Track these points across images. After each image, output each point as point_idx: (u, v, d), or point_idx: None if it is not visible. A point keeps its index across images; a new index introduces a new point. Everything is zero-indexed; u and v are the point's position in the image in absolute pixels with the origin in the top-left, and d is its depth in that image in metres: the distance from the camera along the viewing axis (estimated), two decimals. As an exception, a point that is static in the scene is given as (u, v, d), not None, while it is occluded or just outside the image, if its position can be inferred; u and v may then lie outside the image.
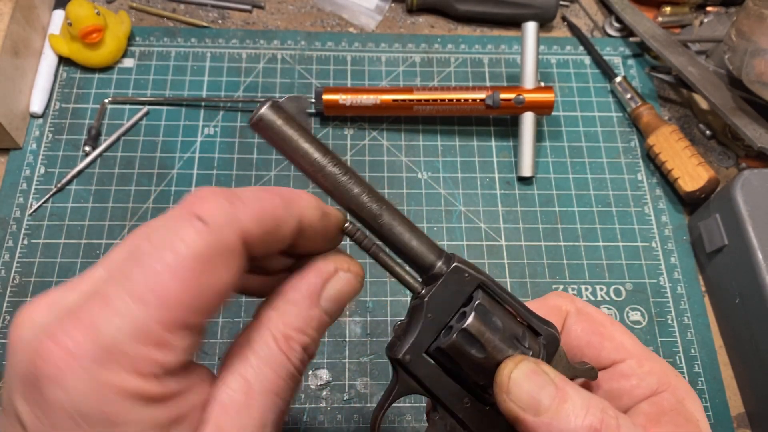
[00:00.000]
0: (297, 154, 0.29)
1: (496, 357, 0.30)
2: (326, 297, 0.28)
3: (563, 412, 0.28)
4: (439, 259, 0.32)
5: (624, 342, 0.34)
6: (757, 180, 0.57)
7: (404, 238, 0.31)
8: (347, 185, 0.30)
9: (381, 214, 0.31)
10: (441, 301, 0.31)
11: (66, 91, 0.67)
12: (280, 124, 0.29)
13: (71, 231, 0.60)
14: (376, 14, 0.76)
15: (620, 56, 0.74)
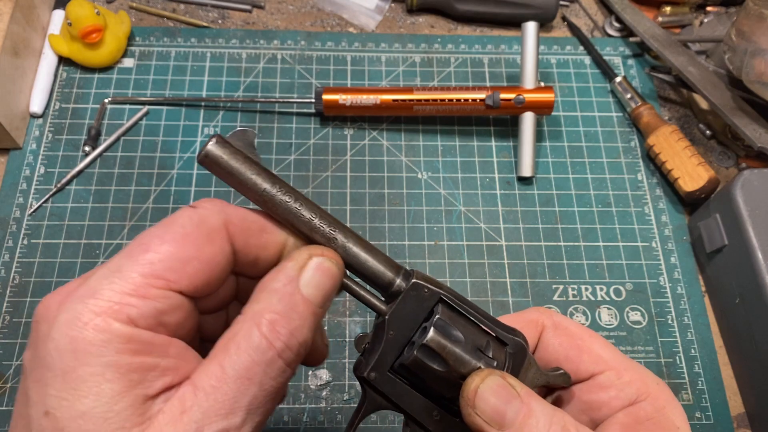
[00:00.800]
0: (244, 187, 0.30)
1: (459, 369, 0.31)
2: (305, 282, 0.28)
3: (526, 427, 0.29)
4: (398, 276, 0.32)
5: (602, 354, 0.35)
6: (757, 180, 0.57)
7: (360, 258, 0.32)
8: (298, 212, 0.31)
9: (335, 236, 0.31)
10: (402, 317, 0.32)
11: (66, 91, 0.67)
12: (226, 158, 0.30)
13: (71, 231, 0.60)
14: (376, 14, 0.76)
15: (620, 56, 0.74)
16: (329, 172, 0.65)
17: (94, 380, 0.24)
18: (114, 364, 0.24)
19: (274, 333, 0.26)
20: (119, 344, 0.24)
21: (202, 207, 0.28)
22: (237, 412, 0.25)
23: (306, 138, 0.67)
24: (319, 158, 0.66)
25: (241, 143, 0.31)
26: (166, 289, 0.26)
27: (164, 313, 0.26)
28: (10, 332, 0.56)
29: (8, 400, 0.53)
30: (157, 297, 0.25)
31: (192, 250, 0.27)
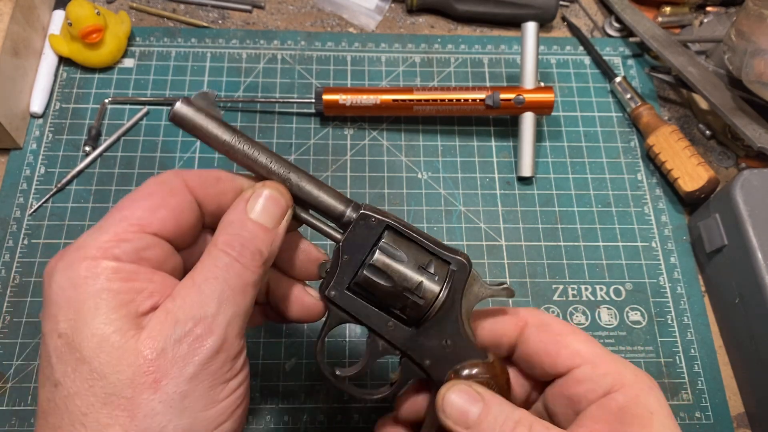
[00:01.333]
0: (209, 138, 0.36)
1: (402, 284, 0.37)
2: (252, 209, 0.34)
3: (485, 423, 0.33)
4: (348, 208, 0.38)
5: (580, 349, 0.37)
6: (756, 180, 0.57)
7: (313, 194, 0.37)
8: (256, 156, 0.36)
9: (289, 177, 0.37)
10: (355, 243, 0.37)
11: (66, 91, 0.67)
12: (191, 116, 0.35)
13: (71, 231, 0.60)
14: (376, 14, 0.76)
15: (620, 56, 0.74)
16: (329, 172, 0.65)
17: (92, 302, 0.29)
18: (107, 288, 0.30)
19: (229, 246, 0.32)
20: (109, 274, 0.30)
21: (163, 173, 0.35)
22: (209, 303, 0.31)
23: (306, 138, 0.67)
24: (319, 158, 0.66)
25: (204, 102, 0.37)
26: (141, 232, 0.32)
27: (142, 250, 0.32)
28: (10, 332, 0.56)
29: (8, 400, 0.53)
30: (134, 239, 0.31)
31: (158, 201, 0.33)
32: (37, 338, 0.56)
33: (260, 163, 0.36)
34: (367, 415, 0.55)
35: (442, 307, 0.38)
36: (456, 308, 0.38)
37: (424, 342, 0.38)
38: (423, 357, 0.38)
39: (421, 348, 0.38)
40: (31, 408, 0.53)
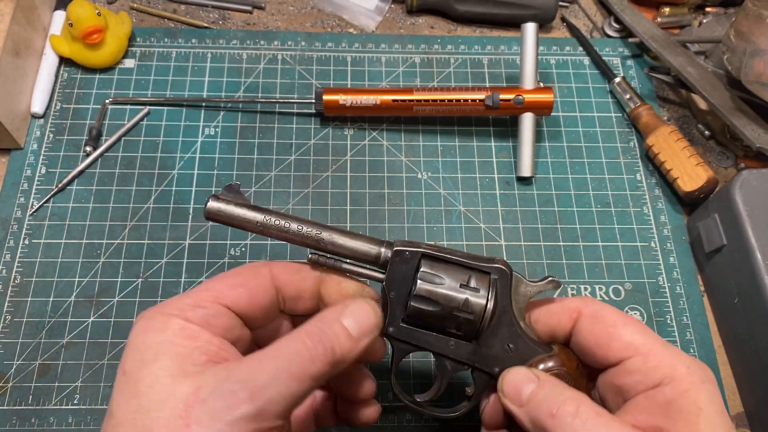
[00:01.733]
0: (243, 224, 0.40)
1: (450, 305, 0.39)
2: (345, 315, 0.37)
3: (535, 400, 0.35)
4: (382, 248, 0.40)
5: (633, 340, 0.38)
6: (756, 180, 0.57)
7: (348, 245, 0.40)
8: (288, 228, 0.40)
9: (321, 237, 0.40)
10: (396, 279, 0.40)
11: (67, 91, 0.67)
12: (223, 208, 0.40)
13: (72, 231, 0.61)
14: (376, 15, 0.76)
15: (619, 57, 0.74)
16: (329, 172, 0.65)
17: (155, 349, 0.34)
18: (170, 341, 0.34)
19: (307, 335, 0.35)
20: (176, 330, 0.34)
21: (255, 262, 0.41)
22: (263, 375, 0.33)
23: (306, 138, 0.67)
24: (320, 158, 0.66)
25: (231, 194, 0.41)
26: (215, 302, 0.37)
27: (212, 317, 0.36)
28: (11, 332, 0.56)
29: (9, 399, 0.54)
30: (208, 306, 0.36)
31: (240, 280, 0.38)
32: (37, 338, 0.56)
33: (293, 232, 0.40)
34: (367, 414, 0.55)
35: (493, 316, 0.40)
36: (508, 312, 0.40)
37: (488, 351, 0.40)
38: (491, 366, 0.40)
39: (487, 358, 0.40)
40: (31, 408, 0.53)
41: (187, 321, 0.35)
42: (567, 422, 0.33)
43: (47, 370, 0.55)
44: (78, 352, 0.56)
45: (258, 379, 0.33)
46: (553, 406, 0.34)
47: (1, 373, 0.55)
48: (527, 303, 0.41)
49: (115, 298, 0.58)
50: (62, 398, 0.54)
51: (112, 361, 0.55)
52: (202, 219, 0.62)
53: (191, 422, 0.31)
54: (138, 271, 0.59)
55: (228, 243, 0.61)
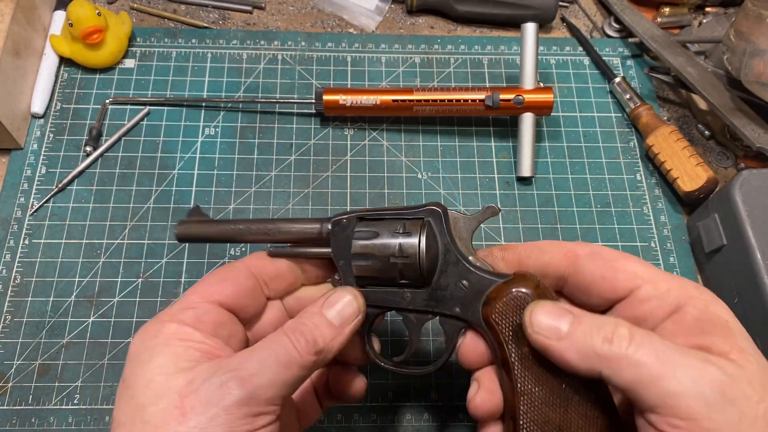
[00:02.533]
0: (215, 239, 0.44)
1: (385, 254, 0.40)
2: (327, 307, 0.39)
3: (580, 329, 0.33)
4: (322, 224, 0.42)
5: (637, 270, 0.37)
6: (755, 180, 0.57)
7: (293, 230, 0.43)
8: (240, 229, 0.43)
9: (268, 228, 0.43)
10: (340, 248, 0.41)
11: (67, 91, 0.68)
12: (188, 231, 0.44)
13: (72, 231, 0.61)
14: (376, 15, 0.76)
15: (619, 57, 0.74)
16: (329, 172, 0.65)
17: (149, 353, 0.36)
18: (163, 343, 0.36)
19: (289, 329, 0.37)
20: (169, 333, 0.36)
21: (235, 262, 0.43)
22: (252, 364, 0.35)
23: (306, 138, 0.67)
24: (320, 158, 0.66)
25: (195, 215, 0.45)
26: (203, 301, 0.39)
27: (202, 315, 0.38)
28: (11, 332, 0.56)
29: (9, 399, 0.54)
30: (196, 306, 0.38)
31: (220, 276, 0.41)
32: (37, 338, 0.56)
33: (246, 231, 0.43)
34: (366, 414, 0.55)
35: (429, 255, 0.40)
36: (452, 250, 0.40)
37: (443, 294, 0.40)
38: (451, 307, 0.40)
39: (444, 300, 0.40)
40: (31, 407, 0.53)
41: (180, 324, 0.37)
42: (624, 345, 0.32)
43: (47, 370, 0.55)
44: (78, 352, 0.56)
45: (247, 368, 0.34)
46: (607, 331, 0.32)
47: (1, 373, 0.55)
48: (470, 237, 0.41)
49: (115, 298, 0.58)
50: (62, 398, 0.54)
51: (112, 361, 0.55)
52: (202, 219, 0.62)
53: (186, 410, 0.33)
54: (138, 271, 0.59)
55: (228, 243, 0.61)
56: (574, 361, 0.33)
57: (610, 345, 0.32)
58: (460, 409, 0.55)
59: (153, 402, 0.33)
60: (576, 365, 0.33)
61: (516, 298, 0.37)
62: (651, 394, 0.31)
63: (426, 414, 0.55)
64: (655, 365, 0.31)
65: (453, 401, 0.56)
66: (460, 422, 0.55)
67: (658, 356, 0.31)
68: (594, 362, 0.32)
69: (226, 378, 0.34)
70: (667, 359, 0.31)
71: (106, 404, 0.54)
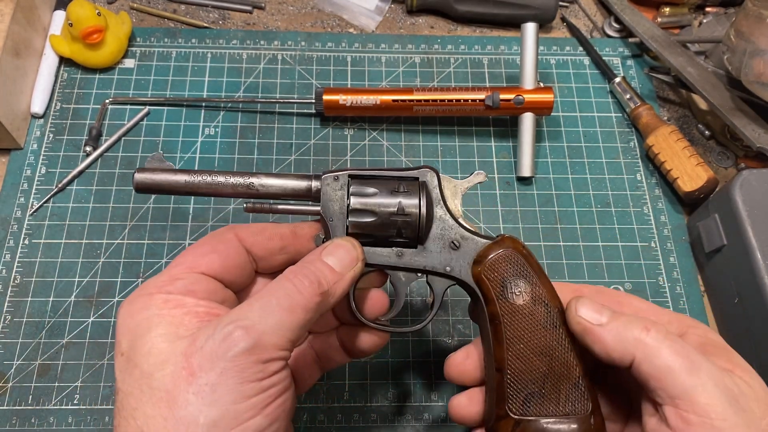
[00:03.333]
0: (172, 188, 0.41)
1: (385, 211, 0.40)
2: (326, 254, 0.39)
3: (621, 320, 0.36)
4: (311, 181, 0.41)
5: (641, 306, 0.41)
6: (756, 180, 0.57)
7: (278, 185, 0.41)
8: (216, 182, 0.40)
9: (251, 182, 0.41)
10: (331, 205, 0.41)
11: (67, 91, 0.67)
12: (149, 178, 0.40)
13: (72, 231, 0.61)
14: (376, 15, 0.76)
15: (619, 57, 0.74)
16: (329, 172, 0.65)
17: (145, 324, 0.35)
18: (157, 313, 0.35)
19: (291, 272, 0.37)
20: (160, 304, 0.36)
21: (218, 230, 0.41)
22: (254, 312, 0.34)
23: (306, 138, 0.67)
24: (320, 158, 0.66)
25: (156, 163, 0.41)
26: (190, 272, 0.38)
27: (191, 284, 0.37)
28: (11, 332, 0.56)
29: (9, 399, 0.54)
30: (185, 277, 0.38)
31: (208, 248, 0.40)
32: (37, 338, 0.56)
33: (221, 183, 0.41)
34: (366, 414, 0.55)
35: (430, 216, 0.41)
36: (445, 211, 0.42)
37: (435, 253, 0.41)
38: (443, 265, 0.41)
39: (437, 259, 0.41)
40: (31, 407, 0.53)
41: (168, 294, 0.36)
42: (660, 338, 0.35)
43: (47, 370, 0.55)
44: (78, 352, 0.56)
45: (249, 317, 0.34)
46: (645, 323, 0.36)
47: (1, 373, 0.55)
48: (460, 199, 0.43)
49: (115, 298, 0.58)
50: (62, 398, 0.54)
51: (112, 361, 0.55)
52: (202, 219, 0.62)
53: (194, 370, 0.32)
54: (138, 271, 0.59)
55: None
56: (610, 343, 0.36)
57: (648, 333, 0.35)
58: (460, 409, 0.55)
59: (159, 368, 0.33)
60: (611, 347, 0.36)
61: (505, 257, 0.41)
62: (677, 385, 0.33)
63: (426, 414, 0.55)
64: (686, 361, 0.34)
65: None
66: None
67: (688, 354, 0.34)
68: (630, 346, 0.35)
69: (229, 329, 0.33)
70: (695, 358, 0.34)
71: (106, 404, 0.54)
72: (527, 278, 0.41)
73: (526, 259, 0.41)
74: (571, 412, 0.38)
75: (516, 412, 0.39)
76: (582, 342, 0.38)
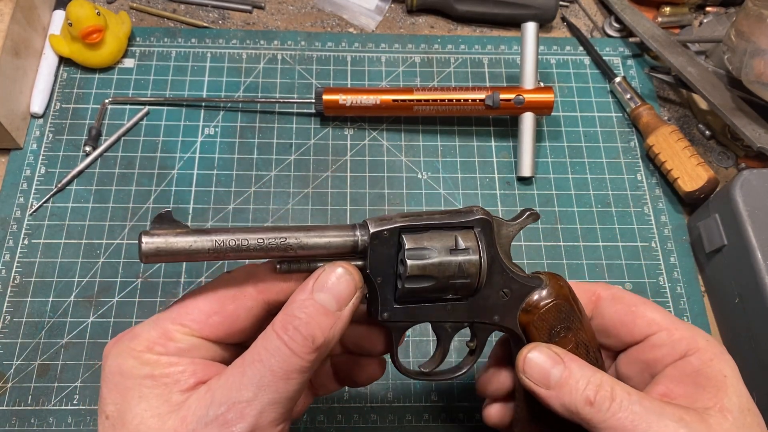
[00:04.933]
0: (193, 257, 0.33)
1: (445, 274, 0.37)
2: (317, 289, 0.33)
3: (567, 386, 0.35)
4: (357, 233, 0.36)
5: (655, 317, 0.39)
6: (756, 180, 0.57)
7: (320, 243, 0.35)
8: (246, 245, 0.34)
9: (286, 241, 0.34)
10: (379, 263, 0.37)
11: (66, 91, 0.67)
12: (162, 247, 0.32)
13: (72, 231, 0.61)
14: (376, 15, 0.76)
15: (620, 56, 0.74)
16: (329, 172, 0.65)
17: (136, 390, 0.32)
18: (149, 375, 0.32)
19: (282, 329, 0.32)
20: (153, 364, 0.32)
21: (235, 271, 0.36)
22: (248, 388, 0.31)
23: (306, 138, 0.67)
24: (320, 158, 0.66)
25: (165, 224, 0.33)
26: (189, 335, 0.33)
27: (186, 351, 0.33)
28: (10, 332, 0.56)
29: (8, 399, 0.53)
30: (179, 340, 0.33)
31: (215, 306, 0.34)
32: (37, 338, 0.56)
33: (255, 248, 0.34)
34: (366, 414, 0.55)
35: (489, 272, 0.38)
36: (497, 260, 0.39)
37: (485, 304, 0.39)
38: (490, 316, 0.40)
39: (485, 309, 0.40)
40: (30, 408, 0.53)
41: (159, 356, 0.33)
42: (605, 407, 0.34)
43: (47, 370, 0.55)
44: (77, 352, 0.56)
45: (243, 395, 0.31)
46: (590, 392, 0.34)
47: (1, 373, 0.54)
48: (510, 243, 0.40)
49: (115, 298, 0.58)
50: (62, 398, 0.54)
51: (111, 361, 0.55)
52: (202, 219, 0.62)
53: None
54: (137, 271, 0.59)
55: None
56: (557, 410, 0.35)
57: (591, 408, 0.34)
58: (461, 409, 0.55)
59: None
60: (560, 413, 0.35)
61: (556, 307, 0.40)
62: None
63: (426, 414, 0.55)
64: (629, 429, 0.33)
65: (453, 402, 0.56)
66: (460, 423, 0.55)
67: (634, 419, 0.33)
68: (575, 417, 0.35)
69: (222, 411, 0.31)
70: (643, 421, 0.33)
71: (106, 404, 0.54)
72: (572, 324, 0.40)
73: (574, 306, 0.40)
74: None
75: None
76: None
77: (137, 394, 0.32)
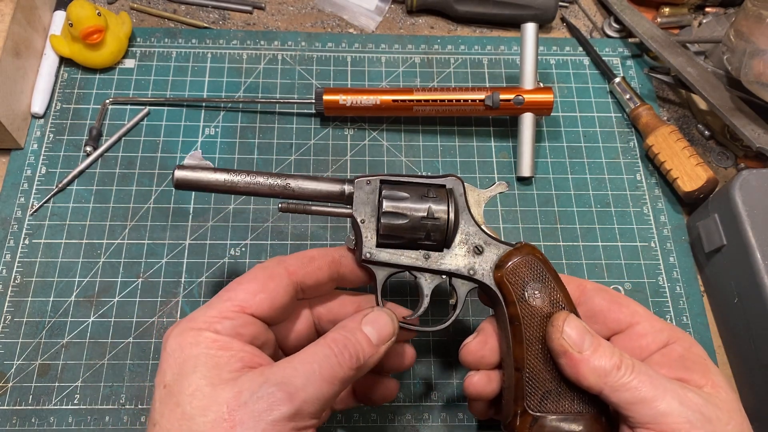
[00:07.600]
0: (211, 186, 0.43)
1: (415, 215, 0.43)
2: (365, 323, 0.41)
3: (598, 353, 0.39)
4: (344, 185, 0.44)
5: (637, 309, 0.44)
6: (755, 180, 0.57)
7: (314, 187, 0.44)
8: (254, 182, 0.43)
9: (288, 183, 0.44)
10: (363, 207, 0.44)
11: (67, 91, 0.68)
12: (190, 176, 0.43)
13: (72, 231, 0.61)
14: (376, 15, 0.76)
15: (619, 57, 0.74)
16: (329, 172, 0.65)
17: (192, 361, 0.36)
18: (205, 353, 0.37)
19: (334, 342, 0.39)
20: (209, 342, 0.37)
21: (268, 261, 0.43)
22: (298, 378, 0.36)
23: (306, 138, 0.67)
24: (320, 158, 0.66)
25: (194, 161, 0.43)
26: (240, 312, 0.39)
27: (239, 326, 0.39)
28: (11, 332, 0.56)
29: (9, 399, 0.54)
30: (234, 317, 0.39)
31: (258, 286, 0.41)
32: (37, 338, 0.56)
33: (259, 183, 0.43)
34: (366, 414, 0.55)
35: (455, 219, 0.44)
36: (470, 217, 0.45)
37: (460, 257, 0.44)
38: (467, 268, 0.44)
39: (461, 262, 0.44)
40: (31, 407, 0.53)
41: (217, 333, 0.38)
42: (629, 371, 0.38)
43: (47, 370, 0.55)
44: (78, 352, 0.56)
45: (294, 382, 0.36)
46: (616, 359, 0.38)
47: (1, 373, 0.55)
48: (482, 207, 0.46)
49: (115, 298, 0.58)
50: (62, 398, 0.54)
51: (112, 361, 0.55)
52: (202, 219, 0.62)
53: (235, 424, 0.34)
54: (138, 271, 0.59)
55: (228, 243, 0.61)
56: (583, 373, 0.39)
57: (617, 371, 0.38)
58: (461, 409, 0.55)
59: (201, 413, 0.35)
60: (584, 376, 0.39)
61: (525, 263, 0.43)
62: (645, 413, 0.37)
63: (426, 414, 0.55)
64: (650, 390, 0.38)
65: (453, 401, 0.56)
66: (460, 422, 0.55)
67: (652, 383, 0.38)
68: (600, 381, 0.38)
69: (272, 391, 0.35)
70: (659, 386, 0.38)
71: (106, 404, 0.54)
72: (545, 283, 0.43)
73: (544, 265, 0.44)
74: (584, 410, 0.41)
75: (533, 408, 0.41)
76: (555, 359, 0.41)
77: (194, 364, 0.36)
